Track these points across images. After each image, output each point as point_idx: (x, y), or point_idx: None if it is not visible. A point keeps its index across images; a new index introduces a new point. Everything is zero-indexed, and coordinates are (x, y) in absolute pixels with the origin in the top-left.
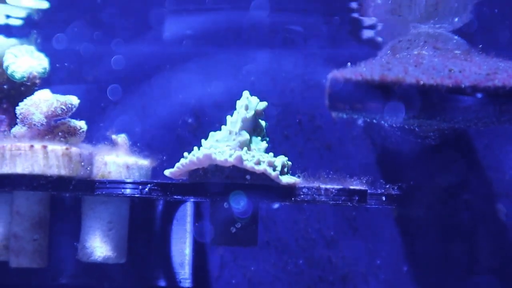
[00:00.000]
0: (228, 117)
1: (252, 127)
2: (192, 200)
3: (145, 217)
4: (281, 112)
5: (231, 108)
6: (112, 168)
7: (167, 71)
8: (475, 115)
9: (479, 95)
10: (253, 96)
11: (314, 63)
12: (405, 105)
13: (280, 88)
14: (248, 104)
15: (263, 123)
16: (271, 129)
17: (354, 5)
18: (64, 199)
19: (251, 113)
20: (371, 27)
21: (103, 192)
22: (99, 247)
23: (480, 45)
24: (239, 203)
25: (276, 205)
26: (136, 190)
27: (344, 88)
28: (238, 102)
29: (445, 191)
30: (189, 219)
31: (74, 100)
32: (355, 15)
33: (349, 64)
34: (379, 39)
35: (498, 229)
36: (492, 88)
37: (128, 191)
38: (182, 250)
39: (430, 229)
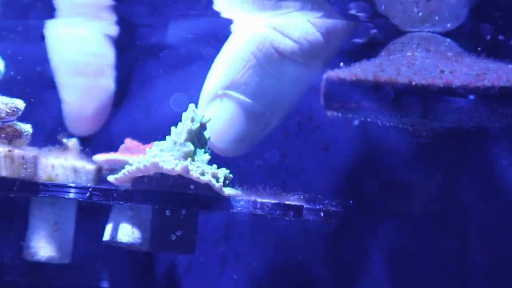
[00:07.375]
0: (173, 128)
1: (197, 139)
2: None
3: (92, 219)
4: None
5: None
6: (59, 171)
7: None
8: (466, 114)
9: (469, 95)
10: (198, 109)
11: None
12: (398, 105)
13: None
14: (194, 116)
15: (206, 135)
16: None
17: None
18: (14, 199)
19: (196, 125)
20: None
21: (46, 195)
22: (43, 247)
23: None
24: (180, 212)
25: None
26: (79, 195)
27: (339, 88)
28: (183, 114)
29: (437, 190)
30: None
31: (19, 103)
32: None
33: (341, 64)
34: None
35: (490, 228)
36: (481, 88)
37: (71, 195)
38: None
39: (423, 227)
